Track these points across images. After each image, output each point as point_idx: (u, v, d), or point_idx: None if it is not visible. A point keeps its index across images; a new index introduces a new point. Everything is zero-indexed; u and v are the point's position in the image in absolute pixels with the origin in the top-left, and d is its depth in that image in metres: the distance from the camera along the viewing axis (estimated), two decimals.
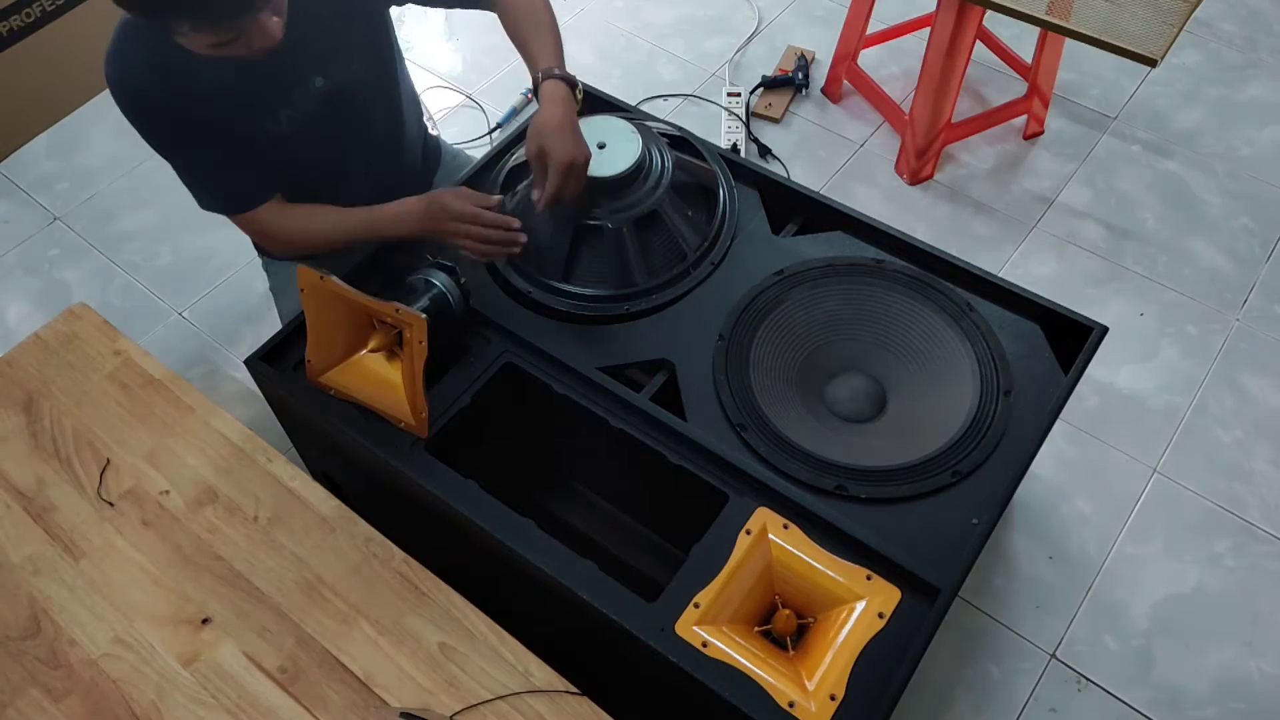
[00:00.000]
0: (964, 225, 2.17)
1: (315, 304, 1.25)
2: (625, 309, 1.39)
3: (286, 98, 1.34)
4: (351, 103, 1.42)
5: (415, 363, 1.20)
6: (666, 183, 1.42)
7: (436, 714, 1.08)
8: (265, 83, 1.31)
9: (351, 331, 1.29)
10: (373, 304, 1.23)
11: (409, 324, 1.19)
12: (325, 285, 1.22)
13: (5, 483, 1.29)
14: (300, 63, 1.32)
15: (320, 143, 1.43)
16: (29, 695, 1.13)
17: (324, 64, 1.35)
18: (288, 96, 1.34)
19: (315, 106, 1.37)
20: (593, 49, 2.59)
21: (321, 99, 1.38)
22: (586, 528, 1.55)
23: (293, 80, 1.34)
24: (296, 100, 1.35)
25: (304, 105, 1.36)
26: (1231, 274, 2.07)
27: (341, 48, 1.37)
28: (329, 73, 1.36)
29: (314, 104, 1.37)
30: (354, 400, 1.28)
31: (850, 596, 1.12)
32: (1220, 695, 1.56)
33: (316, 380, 1.30)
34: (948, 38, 1.99)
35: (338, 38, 1.35)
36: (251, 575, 1.20)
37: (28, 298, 2.14)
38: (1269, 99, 2.40)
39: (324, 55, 1.35)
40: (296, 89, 1.35)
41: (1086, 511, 1.75)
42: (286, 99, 1.34)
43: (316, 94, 1.37)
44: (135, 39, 1.24)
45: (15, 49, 2.31)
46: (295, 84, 1.34)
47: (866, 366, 1.36)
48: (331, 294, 1.24)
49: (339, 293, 1.23)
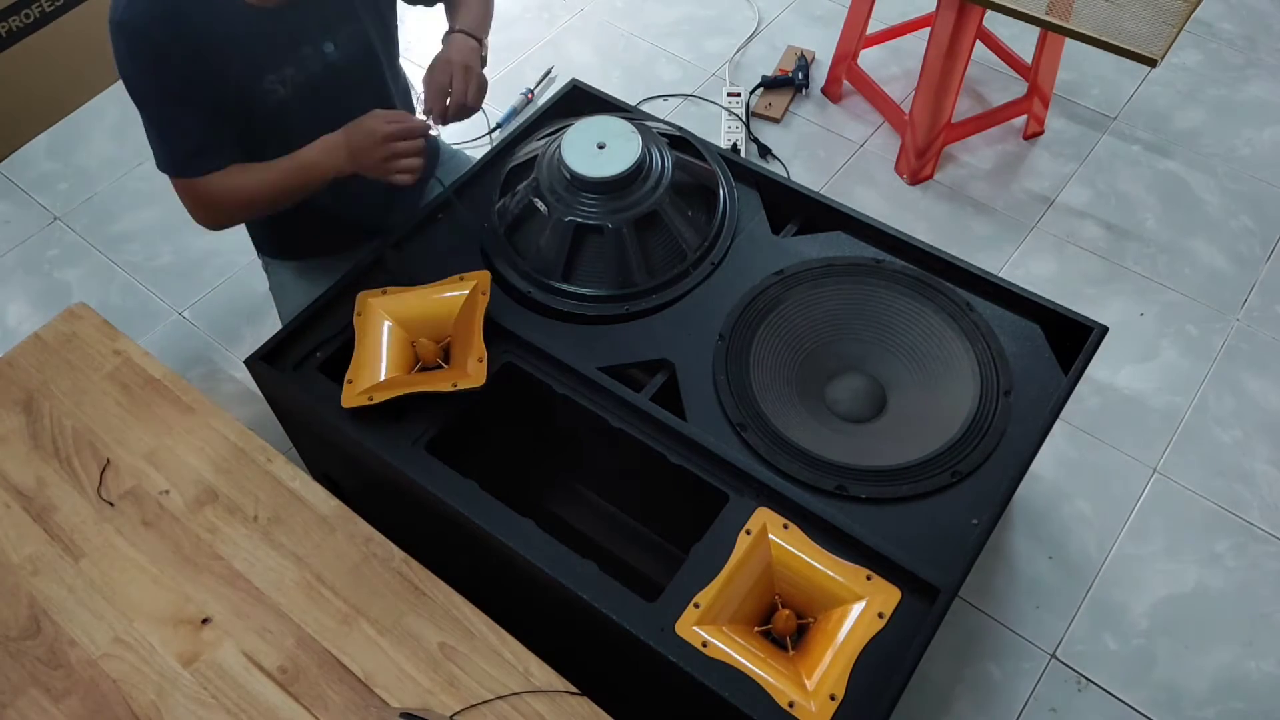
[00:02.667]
0: (964, 225, 2.17)
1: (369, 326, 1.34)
2: (625, 309, 1.39)
3: (294, 56, 1.33)
4: (354, 76, 1.42)
5: (479, 312, 1.33)
6: (666, 183, 1.42)
7: (436, 714, 1.08)
8: (275, 38, 1.30)
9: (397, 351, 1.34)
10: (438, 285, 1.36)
11: (476, 278, 1.37)
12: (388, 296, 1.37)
13: (5, 483, 1.29)
14: (312, 24, 1.32)
15: (317, 113, 1.40)
16: (29, 695, 1.13)
17: (335, 31, 1.35)
18: (295, 55, 1.33)
19: (320, 71, 1.37)
20: (593, 49, 2.60)
21: (327, 67, 1.37)
22: (586, 528, 1.55)
23: (303, 38, 1.33)
24: (304, 61, 1.34)
25: (310, 68, 1.36)
26: (1231, 274, 2.07)
27: (354, 18, 1.37)
28: (340, 40, 1.36)
29: (319, 68, 1.36)
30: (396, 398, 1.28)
31: (850, 596, 1.12)
32: (1220, 695, 1.56)
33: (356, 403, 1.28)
34: (948, 38, 1.99)
35: (351, 7, 1.36)
36: (251, 575, 1.20)
37: (28, 298, 2.14)
38: (1269, 99, 2.40)
39: (336, 21, 1.35)
40: (305, 48, 1.34)
41: (1086, 511, 1.75)
42: (294, 58, 1.33)
43: (324, 61, 1.36)
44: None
45: (15, 49, 2.31)
46: (305, 43, 1.33)
47: (866, 366, 1.36)
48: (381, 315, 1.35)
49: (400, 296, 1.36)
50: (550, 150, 1.45)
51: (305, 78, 1.36)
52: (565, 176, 1.40)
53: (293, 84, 1.36)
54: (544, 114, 1.65)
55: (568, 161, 1.39)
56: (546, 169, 1.43)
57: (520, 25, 2.66)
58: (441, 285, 1.38)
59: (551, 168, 1.43)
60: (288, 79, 1.35)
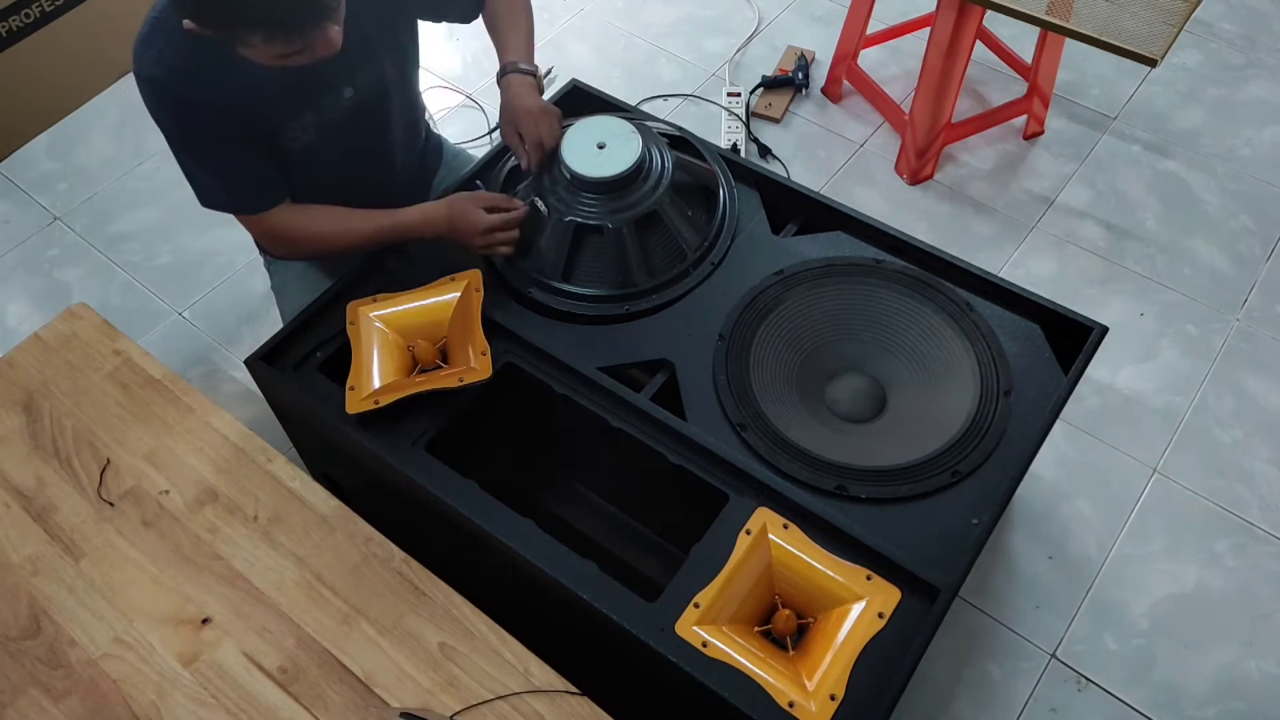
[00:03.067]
0: (964, 225, 2.17)
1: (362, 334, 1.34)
2: (625, 309, 1.39)
3: (316, 104, 1.34)
4: (376, 113, 1.43)
5: (475, 309, 1.34)
6: (666, 183, 1.42)
7: (436, 714, 1.08)
8: (298, 89, 1.31)
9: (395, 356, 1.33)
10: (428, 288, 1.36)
11: (467, 277, 1.37)
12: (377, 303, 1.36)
13: (5, 483, 1.29)
14: (334, 72, 1.32)
15: (341, 151, 1.42)
16: (29, 695, 1.13)
17: (354, 74, 1.36)
18: (317, 103, 1.34)
19: (341, 116, 1.38)
20: (593, 49, 2.59)
21: (349, 109, 1.38)
22: (586, 528, 1.55)
23: (324, 89, 1.34)
24: (324, 108, 1.35)
25: (331, 114, 1.36)
26: (1231, 274, 2.07)
27: (373, 58, 1.37)
28: (359, 83, 1.37)
29: (341, 114, 1.37)
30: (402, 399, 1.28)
31: (850, 596, 1.12)
32: (1220, 695, 1.56)
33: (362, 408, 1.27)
34: (948, 38, 1.99)
35: (370, 48, 1.35)
36: (251, 575, 1.20)
37: (28, 298, 2.14)
38: (1269, 99, 2.40)
39: (355, 65, 1.35)
40: (326, 97, 1.34)
41: (1086, 511, 1.75)
42: (316, 106, 1.34)
43: (345, 104, 1.37)
44: (172, 34, 1.20)
45: (15, 49, 2.31)
46: (326, 92, 1.34)
47: (866, 366, 1.36)
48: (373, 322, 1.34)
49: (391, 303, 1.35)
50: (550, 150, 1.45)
51: (328, 123, 1.37)
52: (565, 176, 1.40)
53: (315, 129, 1.36)
54: None
55: (568, 161, 1.39)
56: (547, 169, 1.43)
57: None
58: (432, 288, 1.38)
59: (551, 168, 1.43)
60: (310, 125, 1.36)
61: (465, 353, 1.31)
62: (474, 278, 1.38)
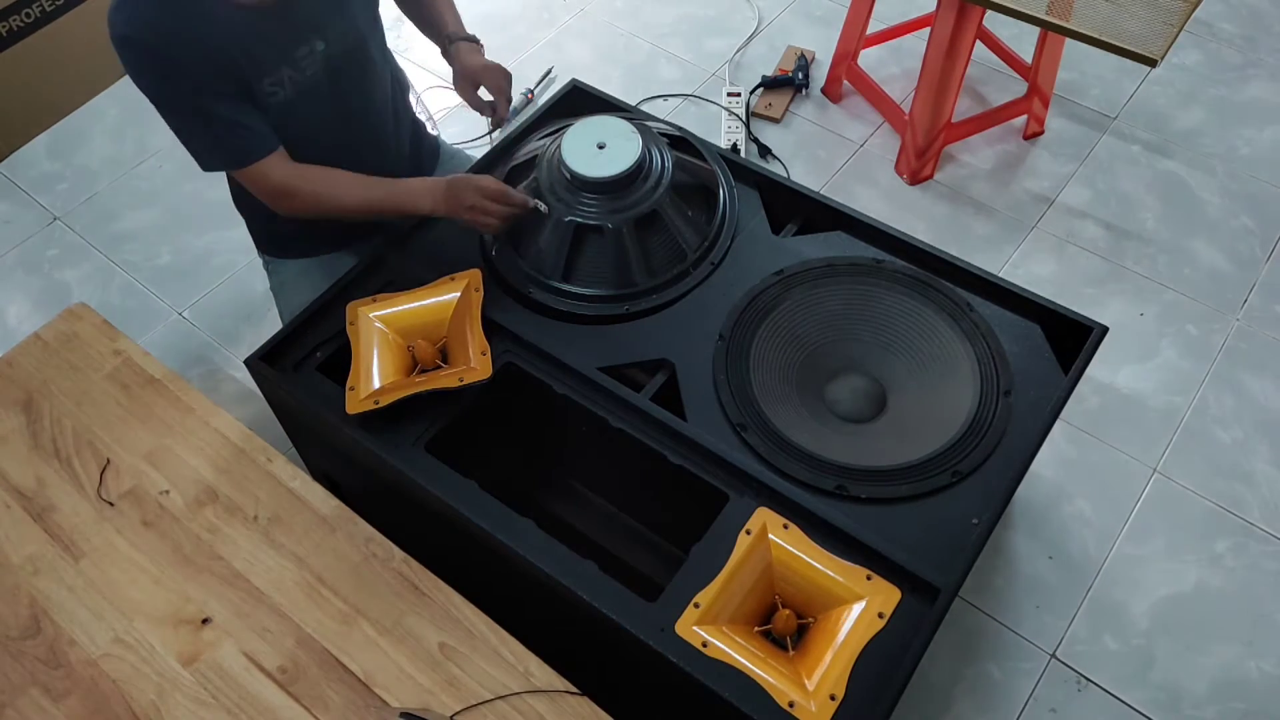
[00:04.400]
0: (964, 225, 2.17)
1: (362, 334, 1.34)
2: (625, 309, 1.39)
3: (290, 56, 1.35)
4: (353, 71, 1.43)
5: (475, 309, 1.35)
6: (666, 183, 1.42)
7: (436, 714, 1.08)
8: (272, 39, 1.31)
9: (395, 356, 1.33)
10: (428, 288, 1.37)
11: (467, 277, 1.38)
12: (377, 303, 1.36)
13: (5, 483, 1.29)
14: (303, 22, 1.33)
15: (321, 112, 1.42)
16: (29, 695, 1.13)
17: (324, 27, 1.37)
18: (291, 55, 1.35)
19: (317, 71, 1.38)
20: (593, 49, 2.60)
21: (323, 64, 1.38)
22: (586, 528, 1.55)
23: (297, 38, 1.34)
24: (300, 61, 1.36)
25: (306, 68, 1.37)
26: (1231, 274, 2.07)
27: (342, 12, 1.39)
28: (329, 37, 1.38)
29: (316, 68, 1.38)
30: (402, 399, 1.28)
31: (850, 596, 1.12)
32: (1220, 695, 1.56)
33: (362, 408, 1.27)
34: (948, 38, 1.99)
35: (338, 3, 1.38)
36: (251, 575, 1.20)
37: (28, 298, 2.14)
38: (1269, 99, 2.40)
39: (324, 18, 1.36)
40: (300, 48, 1.35)
41: (1086, 511, 1.75)
42: (290, 58, 1.35)
43: (319, 58, 1.38)
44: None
45: (15, 49, 2.31)
46: (299, 42, 1.35)
47: (866, 366, 1.36)
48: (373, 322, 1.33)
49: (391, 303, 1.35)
50: (550, 150, 1.45)
51: (304, 78, 1.37)
52: (565, 176, 1.41)
53: (292, 85, 1.36)
54: (544, 114, 1.65)
55: (568, 161, 1.39)
56: (547, 169, 1.43)
57: (520, 25, 2.67)
58: (431, 288, 1.38)
59: (551, 168, 1.43)
60: (286, 80, 1.36)
61: (465, 353, 1.32)
62: (474, 278, 1.38)
